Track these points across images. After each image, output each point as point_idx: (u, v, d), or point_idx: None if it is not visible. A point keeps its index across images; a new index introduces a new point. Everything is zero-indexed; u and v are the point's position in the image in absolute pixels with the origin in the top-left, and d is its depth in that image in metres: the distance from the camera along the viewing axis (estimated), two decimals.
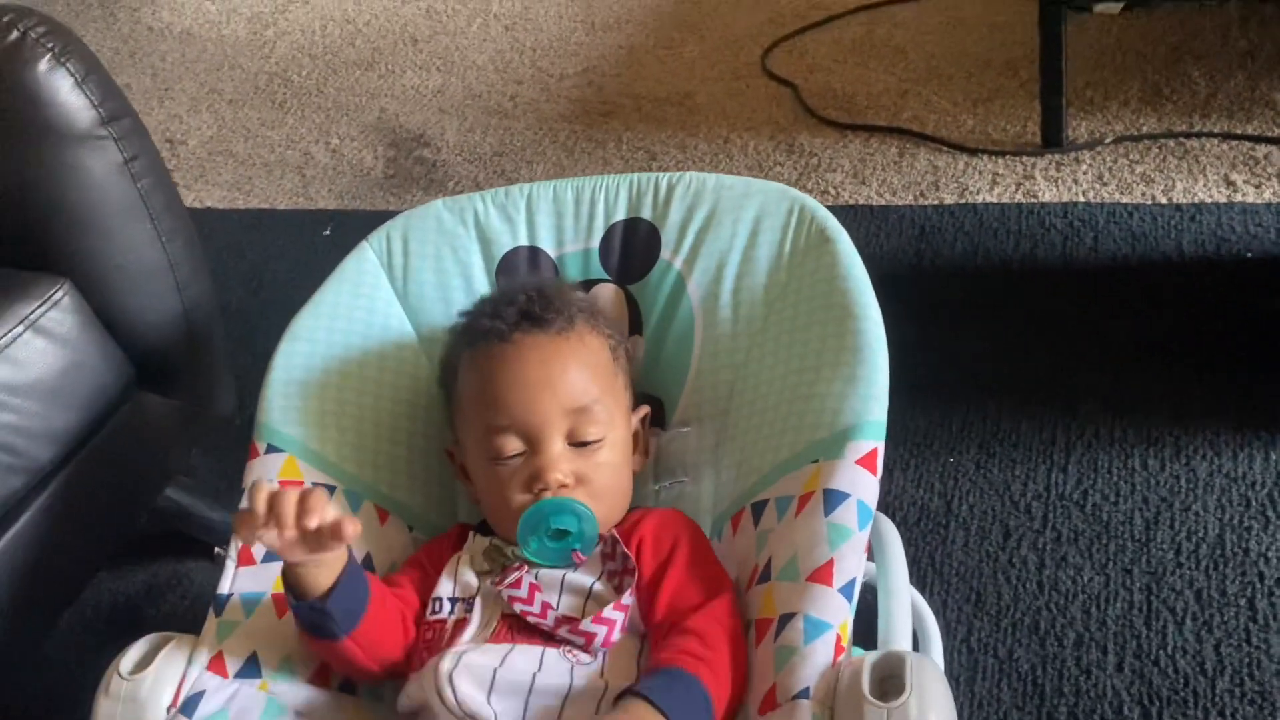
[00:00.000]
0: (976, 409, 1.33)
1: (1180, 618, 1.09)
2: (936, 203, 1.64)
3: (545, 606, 0.84)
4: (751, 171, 1.79)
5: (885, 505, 1.25)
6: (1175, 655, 1.06)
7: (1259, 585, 1.10)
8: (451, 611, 0.87)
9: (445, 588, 0.89)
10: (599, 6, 2.32)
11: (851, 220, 1.65)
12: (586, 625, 0.82)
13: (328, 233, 1.84)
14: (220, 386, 1.24)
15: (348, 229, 1.74)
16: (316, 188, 1.98)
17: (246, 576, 0.89)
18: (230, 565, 0.90)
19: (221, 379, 1.24)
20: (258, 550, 0.90)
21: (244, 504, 0.81)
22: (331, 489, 0.95)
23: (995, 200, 1.62)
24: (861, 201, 1.67)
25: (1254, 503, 1.18)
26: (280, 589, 0.88)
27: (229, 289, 1.74)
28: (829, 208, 1.02)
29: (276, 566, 0.89)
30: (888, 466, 1.27)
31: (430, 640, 0.86)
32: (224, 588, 0.89)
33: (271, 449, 0.95)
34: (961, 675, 1.08)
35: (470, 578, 0.89)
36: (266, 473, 0.94)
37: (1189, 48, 1.83)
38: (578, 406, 0.89)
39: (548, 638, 0.83)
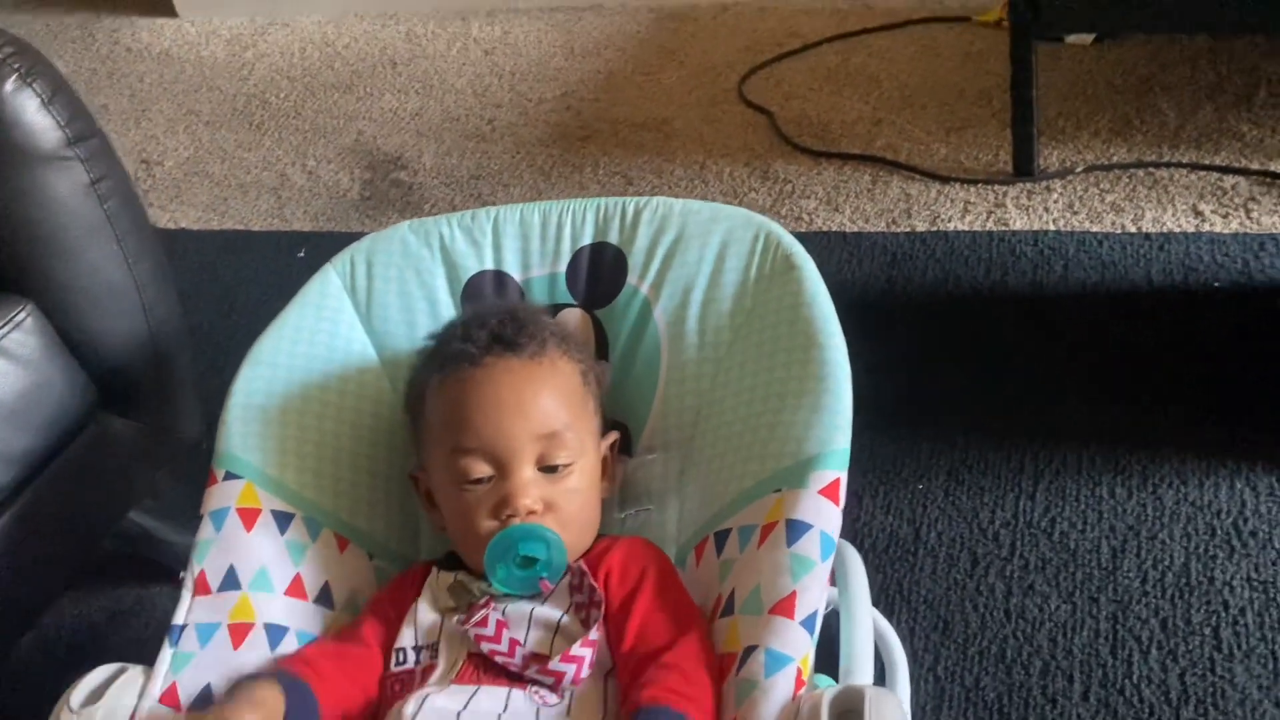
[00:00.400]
0: (946, 436, 1.33)
1: (1146, 647, 1.09)
2: (909, 230, 1.65)
3: (513, 644, 0.83)
4: (726, 197, 1.80)
5: (854, 532, 1.26)
6: (1140, 684, 1.06)
7: (1224, 614, 1.11)
8: (417, 661, 0.86)
9: (407, 637, 0.87)
10: (578, 32, 2.33)
11: (824, 247, 1.67)
12: (555, 664, 0.81)
13: (302, 255, 1.84)
14: (187, 409, 1.23)
15: (322, 251, 1.71)
16: (292, 209, 1.98)
17: (203, 606, 0.88)
18: (186, 594, 0.89)
19: (188, 402, 1.23)
20: (214, 578, 0.89)
21: None
22: (290, 516, 0.94)
23: (967, 228, 1.63)
24: (834, 228, 1.68)
25: (1219, 531, 1.18)
26: (237, 618, 0.87)
27: (201, 311, 1.73)
28: (802, 234, 1.03)
29: (234, 596, 0.89)
30: (857, 493, 1.29)
31: (399, 692, 0.84)
32: (179, 618, 0.87)
33: (230, 476, 0.94)
34: (928, 704, 1.08)
35: (430, 618, 0.87)
36: (225, 500, 0.93)
37: (1159, 79, 1.85)
38: (548, 432, 0.89)
39: (514, 678, 0.82)
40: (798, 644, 0.78)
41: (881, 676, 1.04)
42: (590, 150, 1.98)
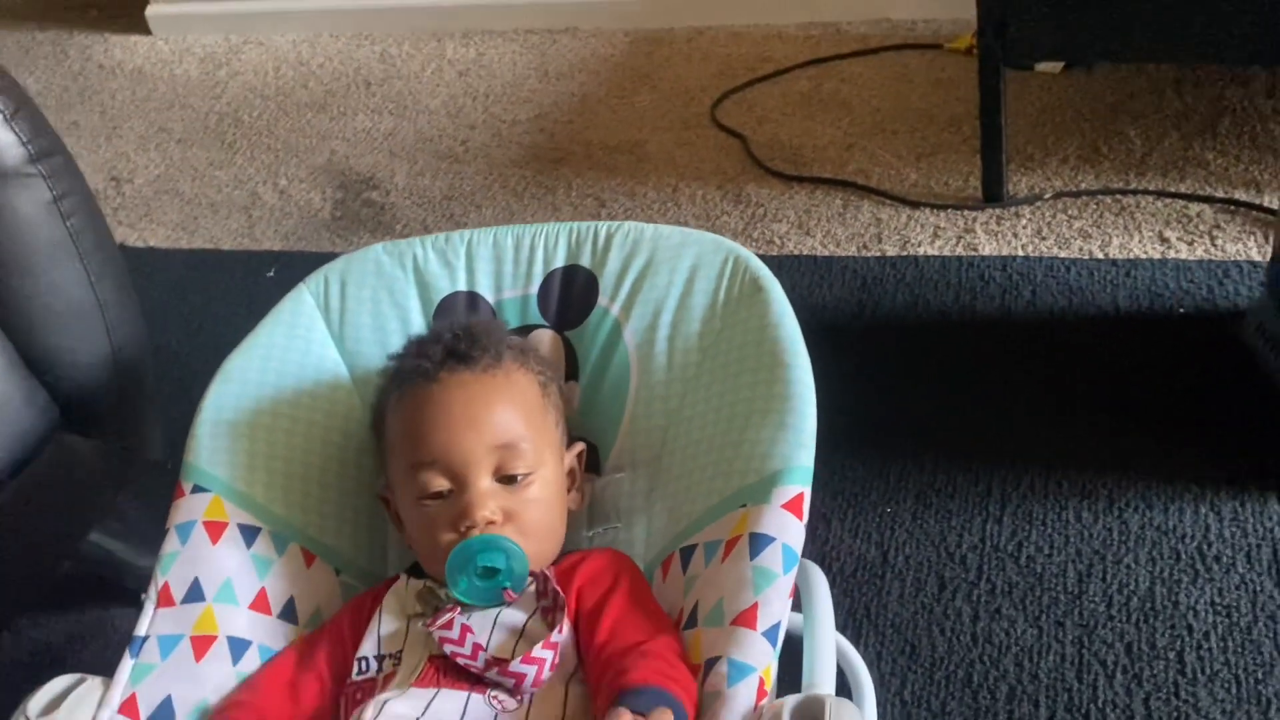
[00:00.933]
0: (914, 460, 1.34)
1: (1111, 671, 1.10)
2: (879, 254, 1.67)
3: (476, 648, 0.83)
4: (699, 220, 1.81)
5: (822, 555, 1.26)
6: (1105, 709, 1.07)
7: (1188, 638, 1.11)
8: (379, 669, 0.86)
9: (369, 646, 0.87)
10: (553, 54, 2.34)
11: (795, 270, 1.68)
12: (516, 666, 0.81)
13: (272, 274, 1.83)
14: (150, 429, 1.22)
15: (292, 271, 1.71)
16: (263, 229, 1.97)
17: (166, 618, 0.88)
18: (149, 606, 0.88)
19: (152, 421, 1.22)
20: (178, 590, 0.89)
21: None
22: (257, 530, 0.93)
23: (936, 253, 1.65)
24: (806, 252, 1.69)
25: (1184, 556, 1.19)
26: (200, 630, 0.87)
27: (168, 330, 1.72)
28: (774, 258, 1.03)
29: (198, 608, 0.88)
30: (825, 516, 1.29)
31: (360, 700, 0.84)
32: (141, 629, 0.87)
33: (198, 489, 0.94)
34: None
35: (394, 625, 0.87)
36: (192, 513, 0.93)
37: (1126, 108, 1.87)
38: (504, 443, 0.89)
39: (475, 682, 0.82)
40: (760, 654, 0.79)
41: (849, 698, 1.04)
42: (563, 172, 1.98)
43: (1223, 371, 1.38)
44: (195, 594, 0.88)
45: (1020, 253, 1.62)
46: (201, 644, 0.86)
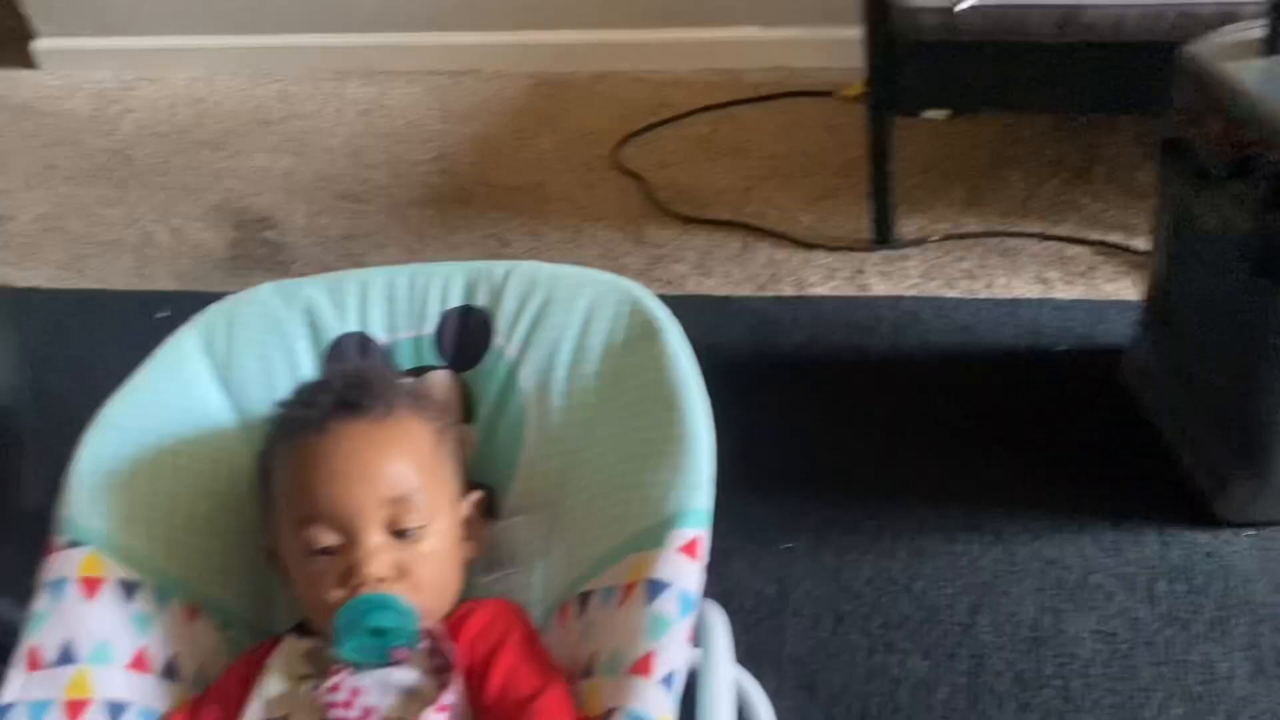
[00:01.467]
0: (812, 496, 1.36)
1: (1001, 700, 1.13)
2: (775, 294, 1.70)
3: (366, 712, 0.81)
4: (601, 260, 1.82)
5: (722, 592, 1.26)
6: None
7: (1073, 666, 1.15)
8: None
9: (253, 712, 0.84)
10: (456, 95, 2.35)
11: (694, 310, 1.68)
12: None
13: (164, 315, 1.78)
14: (29, 477, 1.18)
15: (186, 312, 1.67)
16: (155, 269, 1.92)
17: (35, 683, 0.83)
18: (17, 670, 0.84)
19: (30, 469, 1.17)
20: (49, 653, 0.85)
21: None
22: (137, 585, 0.90)
23: (830, 293, 1.69)
24: (704, 292, 1.72)
25: (1067, 585, 1.23)
26: (73, 694, 0.83)
27: (51, 373, 1.66)
28: (674, 297, 1.04)
29: (70, 670, 0.84)
30: (724, 554, 1.29)
31: None
32: (8, 696, 0.83)
33: (73, 544, 0.90)
34: None
35: (279, 688, 0.85)
36: (66, 569, 0.89)
37: (1008, 154, 1.96)
38: (397, 495, 0.87)
39: None
40: (658, 703, 0.78)
41: None
42: (465, 213, 1.98)
43: (1102, 408, 1.44)
44: (67, 656, 0.84)
45: (910, 292, 1.67)
46: (75, 708, 0.82)
